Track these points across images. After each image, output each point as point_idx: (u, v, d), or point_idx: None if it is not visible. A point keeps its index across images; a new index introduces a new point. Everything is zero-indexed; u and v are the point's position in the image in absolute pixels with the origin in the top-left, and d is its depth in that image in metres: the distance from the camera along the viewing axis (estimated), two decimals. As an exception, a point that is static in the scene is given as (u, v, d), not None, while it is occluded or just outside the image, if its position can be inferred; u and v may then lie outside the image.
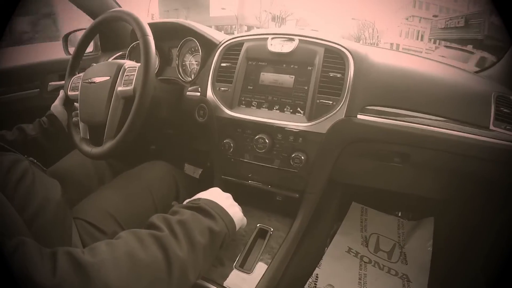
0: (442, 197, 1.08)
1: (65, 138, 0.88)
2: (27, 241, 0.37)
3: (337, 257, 1.10)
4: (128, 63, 0.78)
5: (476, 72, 1.13)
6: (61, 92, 0.90)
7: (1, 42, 0.73)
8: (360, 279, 1.06)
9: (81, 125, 0.83)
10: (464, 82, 0.88)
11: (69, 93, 0.86)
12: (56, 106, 0.89)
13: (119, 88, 0.75)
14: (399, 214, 1.28)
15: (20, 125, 0.83)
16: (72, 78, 0.87)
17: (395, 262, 1.13)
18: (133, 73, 0.75)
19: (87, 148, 0.79)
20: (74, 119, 0.87)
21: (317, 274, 1.04)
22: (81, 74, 0.84)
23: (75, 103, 0.86)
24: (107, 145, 0.74)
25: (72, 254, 0.38)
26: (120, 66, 0.77)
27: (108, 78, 0.77)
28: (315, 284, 1.01)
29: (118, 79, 0.76)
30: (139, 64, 0.74)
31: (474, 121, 0.76)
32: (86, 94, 0.81)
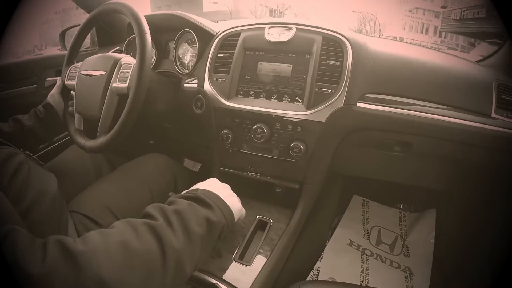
0: (444, 188, 1.07)
1: (61, 128, 0.87)
2: (18, 229, 0.36)
3: (338, 250, 1.09)
4: (124, 59, 0.76)
5: (477, 61, 1.11)
6: (58, 80, 0.89)
7: (1, 41, 0.73)
8: (362, 272, 1.04)
9: (76, 116, 0.82)
10: (465, 70, 0.86)
11: (66, 82, 0.85)
12: (53, 95, 0.87)
13: (114, 84, 0.74)
14: (401, 207, 1.27)
15: (16, 117, 0.81)
16: (70, 67, 0.86)
17: (397, 254, 1.11)
18: (129, 70, 0.73)
19: (81, 140, 0.78)
20: (70, 108, 0.86)
21: (318, 267, 1.03)
22: (79, 64, 0.83)
23: (72, 92, 0.85)
24: (100, 140, 0.73)
25: (62, 242, 0.37)
26: (116, 61, 0.76)
27: (104, 73, 0.75)
28: (317, 277, 1.00)
29: (114, 74, 0.75)
30: (135, 60, 0.72)
31: (475, 109, 0.75)
32: (82, 86, 0.80)
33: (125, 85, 0.73)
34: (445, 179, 1.03)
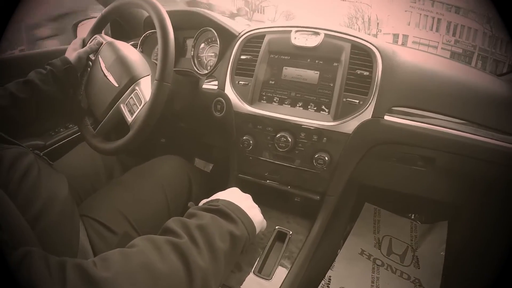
0: (459, 202, 1.05)
1: (79, 89, 0.81)
2: (32, 251, 0.33)
3: (350, 259, 1.08)
4: (143, 84, 0.72)
5: (499, 75, 1.09)
6: (81, 40, 0.82)
7: (1, 41, 0.69)
8: (372, 282, 1.03)
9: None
10: (490, 86, 0.85)
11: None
12: (80, 57, 0.78)
13: (122, 105, 0.72)
14: (412, 217, 1.25)
15: (29, 79, 0.72)
16: (95, 37, 0.80)
17: (407, 265, 1.10)
18: (139, 105, 0.70)
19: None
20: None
21: (330, 276, 1.02)
22: (103, 40, 0.78)
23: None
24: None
25: (83, 267, 0.34)
26: (132, 81, 0.71)
27: (117, 85, 0.72)
28: (328, 286, 0.99)
29: (125, 94, 0.72)
30: (148, 96, 0.68)
31: (499, 127, 0.74)
32: (96, 76, 0.76)
33: (130, 118, 0.71)
34: (462, 194, 1.01)
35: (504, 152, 0.72)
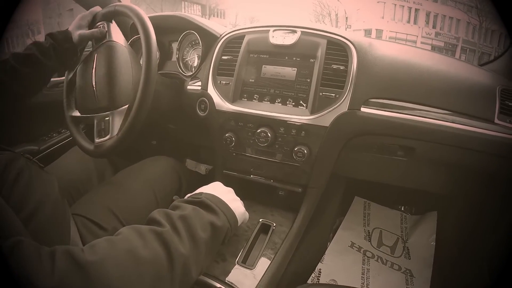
0: (445, 192, 1.07)
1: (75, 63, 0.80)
2: (23, 241, 0.36)
3: (340, 252, 1.10)
4: (117, 115, 0.72)
5: (480, 65, 1.11)
6: (97, 25, 0.80)
7: (1, 41, 0.71)
8: (363, 274, 1.05)
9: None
10: (469, 75, 0.86)
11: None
12: (82, 38, 0.78)
13: (95, 120, 0.74)
14: (402, 209, 1.27)
15: (30, 53, 0.71)
16: (103, 24, 0.79)
17: (398, 257, 1.12)
18: (106, 135, 0.72)
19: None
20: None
21: (320, 269, 1.03)
22: (107, 34, 0.77)
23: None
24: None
25: (71, 253, 0.37)
26: (109, 109, 0.72)
27: (97, 101, 0.73)
28: (318, 279, 1.01)
29: (100, 114, 0.73)
30: (116, 131, 0.71)
31: (478, 115, 0.75)
32: (86, 72, 0.76)
33: (96, 139, 0.73)
34: (446, 183, 1.03)
35: (486, 140, 0.73)
